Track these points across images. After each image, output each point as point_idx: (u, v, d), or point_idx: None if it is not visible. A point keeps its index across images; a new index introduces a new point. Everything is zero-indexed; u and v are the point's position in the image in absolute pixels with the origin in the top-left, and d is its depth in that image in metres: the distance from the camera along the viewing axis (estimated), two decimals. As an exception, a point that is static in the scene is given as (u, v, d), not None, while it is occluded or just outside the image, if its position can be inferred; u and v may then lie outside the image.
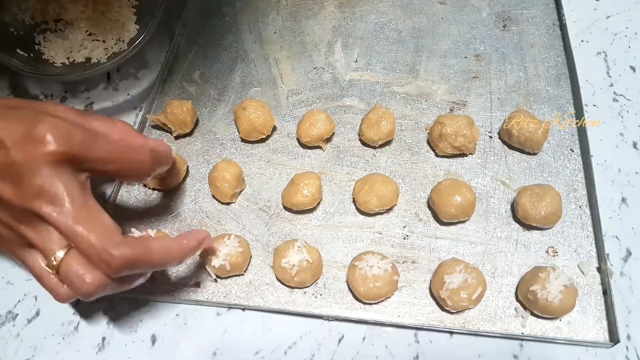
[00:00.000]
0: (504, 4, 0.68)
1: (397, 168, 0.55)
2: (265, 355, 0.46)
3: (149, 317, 0.48)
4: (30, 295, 0.49)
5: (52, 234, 0.36)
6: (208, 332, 0.47)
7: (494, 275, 0.48)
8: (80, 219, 0.35)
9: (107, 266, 0.35)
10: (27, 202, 0.35)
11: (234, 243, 0.48)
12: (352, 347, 0.46)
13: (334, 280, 0.49)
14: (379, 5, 0.69)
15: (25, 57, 0.59)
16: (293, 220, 0.52)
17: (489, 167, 0.54)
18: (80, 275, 0.36)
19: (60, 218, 0.35)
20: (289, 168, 0.56)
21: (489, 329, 0.45)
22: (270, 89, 0.62)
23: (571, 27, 0.64)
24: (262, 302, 0.48)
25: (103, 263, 0.35)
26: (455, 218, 0.50)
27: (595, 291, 0.46)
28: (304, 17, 0.69)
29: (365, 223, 0.52)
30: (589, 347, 0.44)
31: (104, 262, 0.35)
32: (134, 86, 0.63)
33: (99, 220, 0.36)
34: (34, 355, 0.46)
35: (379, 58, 0.64)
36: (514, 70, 0.61)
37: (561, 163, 0.54)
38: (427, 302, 0.47)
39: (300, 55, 0.65)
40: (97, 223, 0.36)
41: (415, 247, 0.50)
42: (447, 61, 0.63)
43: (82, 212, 0.36)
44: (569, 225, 0.50)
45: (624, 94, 0.59)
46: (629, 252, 0.49)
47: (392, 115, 0.55)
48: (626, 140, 0.56)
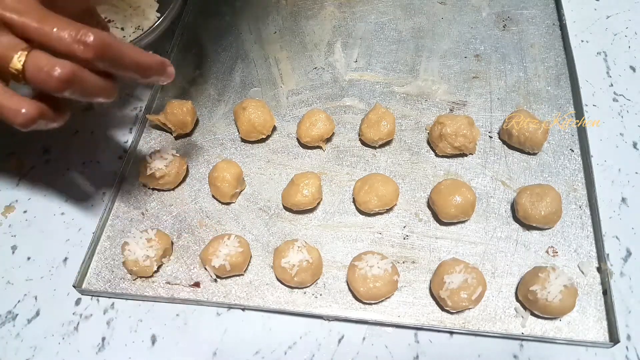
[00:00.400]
0: (504, 4, 0.68)
1: (397, 168, 0.55)
2: (265, 355, 0.46)
3: (149, 317, 0.48)
4: (30, 295, 0.49)
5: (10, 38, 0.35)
6: (208, 332, 0.47)
7: (494, 275, 0.48)
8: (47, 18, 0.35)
9: (84, 46, 0.35)
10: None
11: (234, 243, 0.47)
12: (352, 347, 0.46)
13: (334, 280, 0.49)
14: (379, 5, 0.69)
15: None
16: (293, 220, 0.52)
17: (489, 167, 0.54)
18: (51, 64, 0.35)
19: (27, 18, 0.35)
20: (289, 168, 0.56)
21: (489, 329, 0.45)
22: (270, 89, 0.62)
23: (571, 27, 0.64)
24: (262, 302, 0.48)
25: (80, 44, 0.35)
26: (455, 218, 0.49)
27: (595, 291, 0.46)
28: (304, 17, 0.69)
29: (365, 223, 0.52)
30: (589, 347, 0.44)
31: (81, 43, 0.35)
32: (134, 86, 0.63)
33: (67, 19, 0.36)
34: (34, 355, 0.46)
35: (379, 58, 0.64)
36: (514, 70, 0.61)
37: (561, 163, 0.54)
38: (427, 302, 0.47)
39: (300, 55, 0.65)
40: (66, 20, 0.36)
41: (415, 247, 0.50)
42: (447, 61, 0.63)
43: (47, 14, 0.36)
44: (569, 225, 0.50)
45: (624, 94, 0.59)
46: (629, 252, 0.49)
47: (392, 115, 0.55)
48: (626, 140, 0.56)
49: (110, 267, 0.50)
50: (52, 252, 0.52)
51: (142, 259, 0.47)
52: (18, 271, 0.51)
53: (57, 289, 0.50)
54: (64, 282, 0.50)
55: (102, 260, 0.51)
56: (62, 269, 0.51)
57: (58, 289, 0.50)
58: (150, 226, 0.52)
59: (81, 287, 0.49)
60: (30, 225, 0.54)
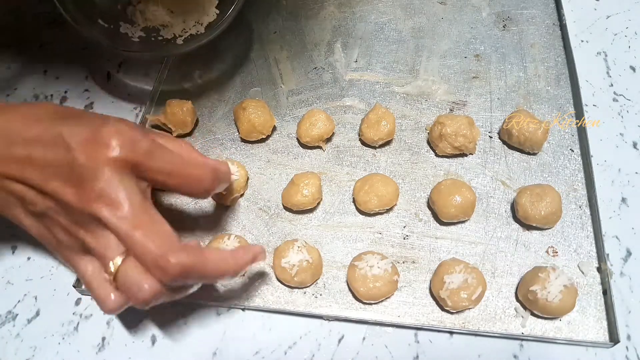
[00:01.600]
0: (504, 4, 0.68)
1: (397, 168, 0.55)
2: (265, 355, 0.46)
3: (149, 317, 0.48)
4: (30, 295, 0.49)
5: (110, 240, 0.36)
6: (208, 332, 0.47)
7: (494, 275, 0.48)
8: (139, 224, 0.35)
9: (163, 273, 0.35)
10: (88, 205, 0.35)
11: (234, 243, 0.47)
12: (352, 347, 0.46)
13: (333, 280, 0.49)
14: (379, 5, 0.69)
15: (105, 28, 0.57)
16: (293, 220, 0.52)
17: (489, 167, 0.54)
18: (137, 283, 0.35)
19: (119, 223, 0.35)
20: (289, 168, 0.56)
21: (489, 329, 0.45)
22: (270, 89, 0.62)
23: (571, 27, 0.64)
24: (262, 302, 0.48)
25: (159, 270, 0.35)
26: (455, 218, 0.50)
27: (595, 291, 0.46)
28: (304, 17, 0.69)
29: (365, 223, 0.52)
30: (589, 347, 0.44)
31: (160, 269, 0.35)
32: (134, 86, 0.63)
33: (157, 226, 0.36)
34: (34, 355, 0.46)
35: (379, 58, 0.64)
36: (514, 70, 0.61)
37: (561, 163, 0.54)
38: (427, 302, 0.47)
39: (300, 55, 0.65)
40: (156, 229, 0.36)
41: (415, 247, 0.50)
42: (447, 61, 0.63)
43: (141, 217, 0.35)
44: (569, 225, 0.50)
45: (624, 94, 0.59)
46: (629, 252, 0.49)
47: (392, 115, 0.55)
48: (626, 140, 0.56)
49: (110, 267, 0.50)
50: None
51: (142, 259, 0.47)
52: (18, 271, 0.51)
53: (57, 289, 0.50)
54: (64, 282, 0.50)
55: (102, 260, 0.51)
56: (62, 269, 0.51)
57: (58, 289, 0.50)
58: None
59: (81, 287, 0.49)
60: (30, 225, 0.54)
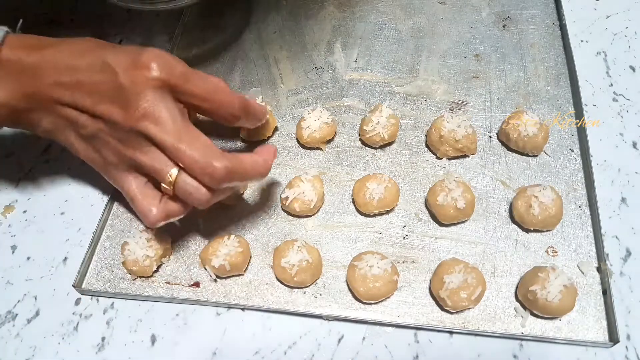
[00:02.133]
0: (503, 4, 0.68)
1: (397, 168, 0.55)
2: (265, 355, 0.46)
3: (149, 317, 0.48)
4: (30, 295, 0.49)
5: (159, 155, 0.40)
6: (208, 332, 0.47)
7: (494, 275, 0.48)
8: (183, 137, 0.39)
9: (211, 178, 0.39)
10: (135, 123, 0.39)
11: (234, 243, 0.47)
12: (352, 347, 0.46)
13: (333, 280, 0.49)
14: (379, 5, 0.69)
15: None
16: (293, 220, 0.52)
17: (488, 167, 0.54)
18: (197, 187, 0.40)
19: (166, 137, 0.39)
20: (288, 168, 0.56)
21: (488, 328, 0.45)
22: (270, 88, 0.62)
23: (571, 27, 0.64)
24: (262, 302, 0.48)
25: (207, 175, 0.39)
26: (455, 219, 0.49)
27: (595, 291, 0.46)
28: (303, 17, 0.69)
29: (365, 223, 0.52)
30: (589, 347, 0.44)
31: (208, 175, 0.39)
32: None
33: (199, 138, 0.40)
34: (33, 355, 0.46)
35: (378, 58, 0.64)
36: (514, 70, 0.61)
37: (561, 163, 0.54)
38: (426, 302, 0.47)
39: (300, 55, 0.65)
40: (198, 140, 0.40)
41: (415, 247, 0.50)
42: (447, 61, 0.63)
43: (183, 132, 0.40)
44: (568, 225, 0.50)
45: (623, 94, 0.59)
46: (629, 252, 0.49)
47: (397, 118, 0.55)
48: (626, 140, 0.56)
49: (110, 267, 0.50)
50: (51, 252, 0.52)
51: (142, 258, 0.47)
52: (18, 271, 0.51)
53: (57, 288, 0.50)
54: (64, 282, 0.50)
55: (102, 260, 0.51)
56: (61, 269, 0.51)
57: (58, 288, 0.50)
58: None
59: (81, 287, 0.49)
60: (30, 225, 0.54)
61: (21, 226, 0.54)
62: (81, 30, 0.68)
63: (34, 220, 0.54)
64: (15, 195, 0.56)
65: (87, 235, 0.52)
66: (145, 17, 0.70)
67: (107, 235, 0.52)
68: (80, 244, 0.52)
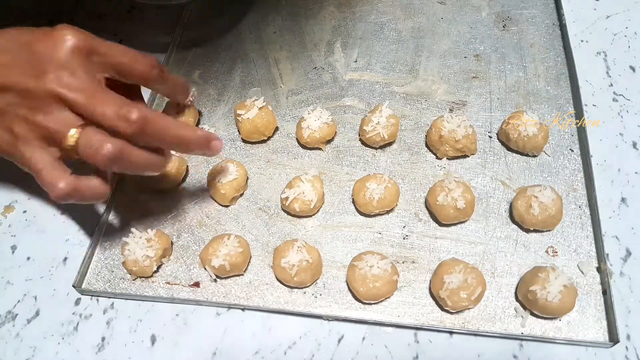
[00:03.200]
0: (503, 4, 0.68)
1: (397, 168, 0.55)
2: (265, 355, 0.46)
3: (149, 317, 0.48)
4: (30, 295, 0.49)
5: (67, 115, 0.39)
6: (208, 332, 0.47)
7: (494, 275, 0.48)
8: (95, 94, 0.39)
9: (126, 122, 0.38)
10: (48, 85, 0.38)
11: (234, 243, 0.47)
12: (352, 347, 0.46)
13: (333, 280, 0.49)
14: (379, 5, 0.69)
15: None
16: (293, 220, 0.52)
17: (488, 167, 0.54)
18: (100, 142, 0.38)
19: (76, 94, 0.38)
20: (288, 168, 0.56)
21: (488, 329, 0.45)
22: (270, 88, 0.62)
23: (571, 27, 0.64)
24: (262, 302, 0.48)
25: (122, 120, 0.38)
26: (455, 219, 0.49)
27: (595, 291, 0.46)
28: (303, 17, 0.69)
29: (365, 223, 0.52)
30: (589, 347, 0.44)
31: (123, 119, 0.38)
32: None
33: (112, 95, 0.40)
34: (33, 355, 0.46)
35: (378, 58, 0.64)
36: (514, 70, 0.61)
37: (561, 163, 0.54)
38: (426, 302, 0.47)
39: (300, 55, 0.65)
40: (111, 96, 0.40)
41: (415, 247, 0.50)
42: (447, 61, 0.63)
43: (96, 89, 0.39)
44: (568, 225, 0.50)
45: (623, 94, 0.59)
46: (629, 252, 0.49)
47: (397, 118, 0.55)
48: (626, 140, 0.56)
49: (110, 267, 0.50)
50: (51, 252, 0.52)
51: (142, 259, 0.47)
52: (18, 271, 0.51)
53: (57, 289, 0.50)
54: (64, 282, 0.50)
55: (102, 260, 0.51)
56: (61, 269, 0.51)
57: (58, 289, 0.50)
58: (150, 226, 0.52)
59: (81, 287, 0.49)
60: (29, 225, 0.54)
61: (21, 226, 0.54)
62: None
63: (34, 220, 0.54)
64: (15, 195, 0.56)
65: (87, 235, 0.52)
66: (145, 17, 0.70)
67: (107, 235, 0.52)
68: (80, 244, 0.52)
